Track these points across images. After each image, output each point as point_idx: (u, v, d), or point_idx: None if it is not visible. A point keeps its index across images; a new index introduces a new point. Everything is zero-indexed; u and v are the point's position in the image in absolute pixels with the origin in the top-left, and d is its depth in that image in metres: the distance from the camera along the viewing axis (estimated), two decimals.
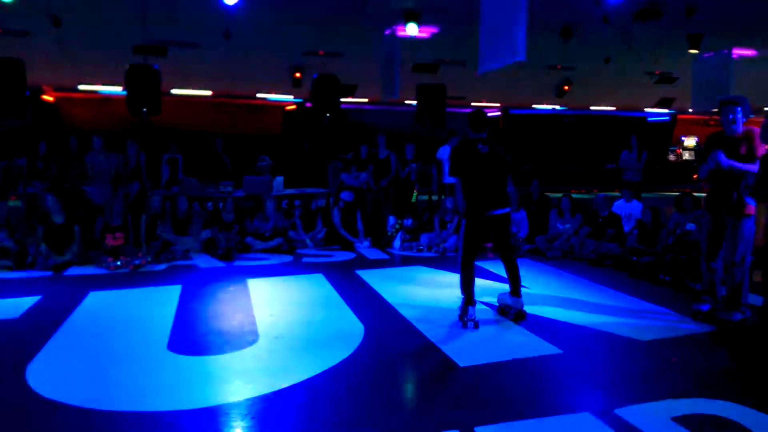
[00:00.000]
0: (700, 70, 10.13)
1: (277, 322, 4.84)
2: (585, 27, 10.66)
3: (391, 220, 8.69)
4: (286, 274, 6.76)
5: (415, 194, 10.03)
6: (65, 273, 6.64)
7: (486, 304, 5.33)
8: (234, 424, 3.07)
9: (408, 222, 8.57)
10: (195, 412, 3.16)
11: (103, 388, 3.47)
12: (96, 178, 8.51)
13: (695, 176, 5.03)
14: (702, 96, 10.00)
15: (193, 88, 14.00)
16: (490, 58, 7.45)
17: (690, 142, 20.79)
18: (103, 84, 13.53)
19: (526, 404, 3.28)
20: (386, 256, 7.89)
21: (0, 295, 5.69)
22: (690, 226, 6.65)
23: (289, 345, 4.28)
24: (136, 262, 6.88)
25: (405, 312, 5.12)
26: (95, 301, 5.48)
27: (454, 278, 5.69)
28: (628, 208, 8.38)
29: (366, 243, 8.54)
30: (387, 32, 11.56)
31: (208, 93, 14.60)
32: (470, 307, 4.69)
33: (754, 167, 4.56)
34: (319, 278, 6.50)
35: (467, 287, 4.76)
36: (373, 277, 6.50)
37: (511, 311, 4.95)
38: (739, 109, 4.67)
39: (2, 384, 3.52)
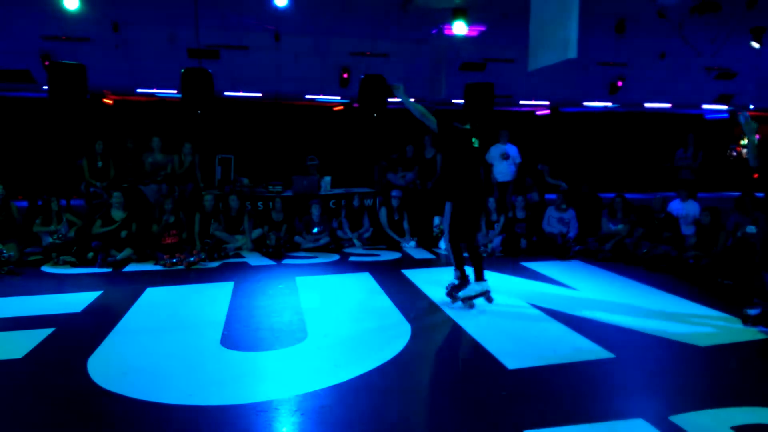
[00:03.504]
0: (762, 64, 9.68)
1: (325, 319, 4.91)
2: (639, 21, 10.35)
3: (437, 220, 8.65)
4: (333, 273, 6.84)
5: None
6: (124, 269, 6.93)
7: (536, 306, 5.26)
8: (283, 419, 3.13)
9: None
10: (245, 407, 3.24)
11: (158, 381, 3.60)
12: (152, 177, 8.84)
13: (756, 175, 4.78)
14: (765, 92, 9.55)
15: (244, 91, 14.32)
16: (540, 55, 7.31)
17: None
18: (159, 87, 14.01)
19: (578, 409, 3.21)
20: (432, 256, 7.87)
21: (63, 289, 6.00)
22: (751, 228, 6.34)
23: (336, 343, 4.33)
24: (191, 259, 7.11)
25: (451, 312, 5.10)
26: (152, 296, 5.69)
27: (500, 278, 5.65)
28: (684, 209, 8.07)
29: (412, 243, 8.54)
30: (434, 31, 11.54)
31: (258, 95, 14.90)
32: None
33: None
34: (366, 277, 6.55)
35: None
36: (419, 277, 6.50)
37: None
38: None
39: (66, 375, 3.70)
